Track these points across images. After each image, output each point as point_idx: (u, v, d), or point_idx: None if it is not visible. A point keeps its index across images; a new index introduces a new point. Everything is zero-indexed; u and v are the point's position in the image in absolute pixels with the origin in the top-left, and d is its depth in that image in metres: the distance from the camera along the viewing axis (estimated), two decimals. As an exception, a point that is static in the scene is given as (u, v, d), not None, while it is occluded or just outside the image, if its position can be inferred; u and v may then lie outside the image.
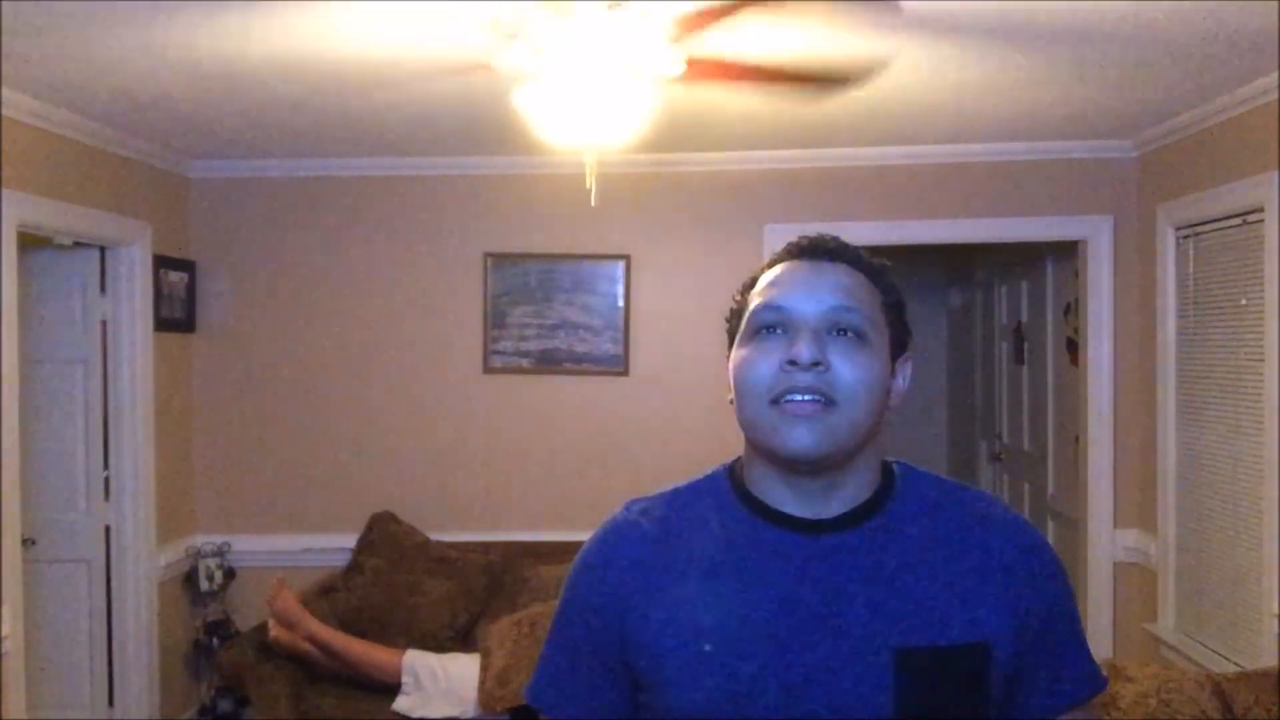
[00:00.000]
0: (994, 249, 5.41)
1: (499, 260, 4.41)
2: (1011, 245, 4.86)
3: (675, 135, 3.63)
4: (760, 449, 1.08)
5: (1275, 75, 3.03)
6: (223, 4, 2.43)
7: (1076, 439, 4.41)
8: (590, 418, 4.39)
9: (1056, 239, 4.37)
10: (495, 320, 4.42)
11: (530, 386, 4.42)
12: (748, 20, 2.34)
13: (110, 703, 3.99)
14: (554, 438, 4.41)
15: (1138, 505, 4.11)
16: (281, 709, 3.54)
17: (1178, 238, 3.77)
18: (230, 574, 4.33)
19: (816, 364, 1.03)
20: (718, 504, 1.12)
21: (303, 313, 4.45)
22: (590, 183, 2.73)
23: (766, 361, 1.06)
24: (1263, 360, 3.18)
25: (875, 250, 1.17)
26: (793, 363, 1.04)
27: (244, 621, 4.24)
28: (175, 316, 4.26)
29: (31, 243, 3.57)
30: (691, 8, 2.26)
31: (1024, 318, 5.41)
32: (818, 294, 1.07)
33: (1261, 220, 3.19)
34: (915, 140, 4.03)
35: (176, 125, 3.73)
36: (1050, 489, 5.04)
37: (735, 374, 1.08)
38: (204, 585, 4.26)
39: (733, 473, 1.14)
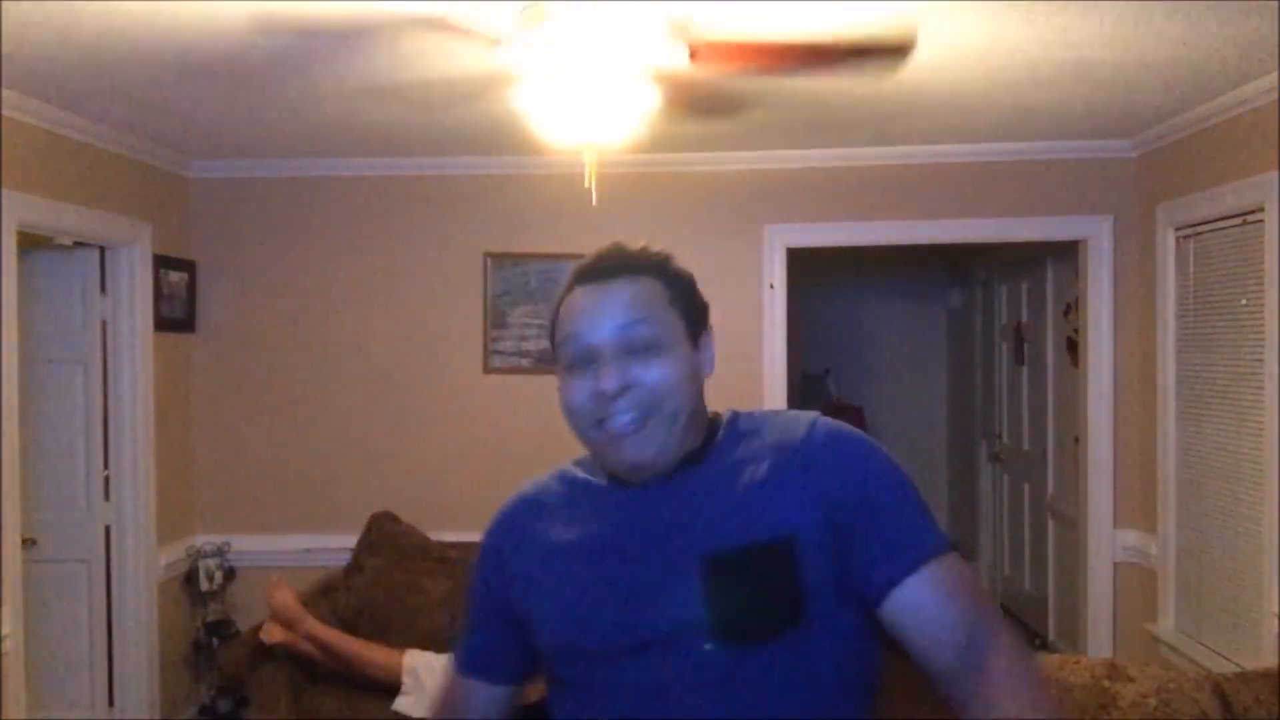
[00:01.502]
0: (994, 249, 5.41)
1: (499, 260, 4.41)
2: (1011, 245, 4.86)
3: (675, 135, 3.63)
4: (602, 465, 1.24)
5: (1275, 75, 3.03)
6: (224, 3, 2.42)
7: (1076, 439, 4.41)
8: (590, 418, 4.38)
9: (1056, 239, 4.37)
10: (495, 320, 4.42)
11: (530, 386, 4.42)
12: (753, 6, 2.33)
13: (110, 703, 3.99)
14: (554, 437, 4.37)
15: (1138, 505, 4.10)
16: (281, 709, 3.54)
17: (1178, 238, 3.77)
18: (230, 574, 4.33)
19: (623, 388, 1.15)
20: (585, 475, 1.30)
21: (303, 313, 4.45)
22: (590, 183, 2.73)
23: (581, 391, 1.18)
24: (1263, 360, 3.18)
25: (875, 251, 1.19)
26: (601, 393, 1.16)
27: (244, 621, 4.23)
28: (175, 316, 4.26)
29: (31, 243, 3.57)
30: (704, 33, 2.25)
31: (1024, 318, 5.42)
32: (606, 319, 1.18)
33: (1261, 220, 3.19)
34: (916, 140, 4.03)
35: (176, 125, 3.73)
36: (1050, 489, 5.04)
37: (560, 401, 1.21)
38: (204, 585, 4.26)
39: (579, 463, 1.34)
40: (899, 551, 1.12)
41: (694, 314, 1.23)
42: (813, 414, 1.23)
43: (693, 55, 2.41)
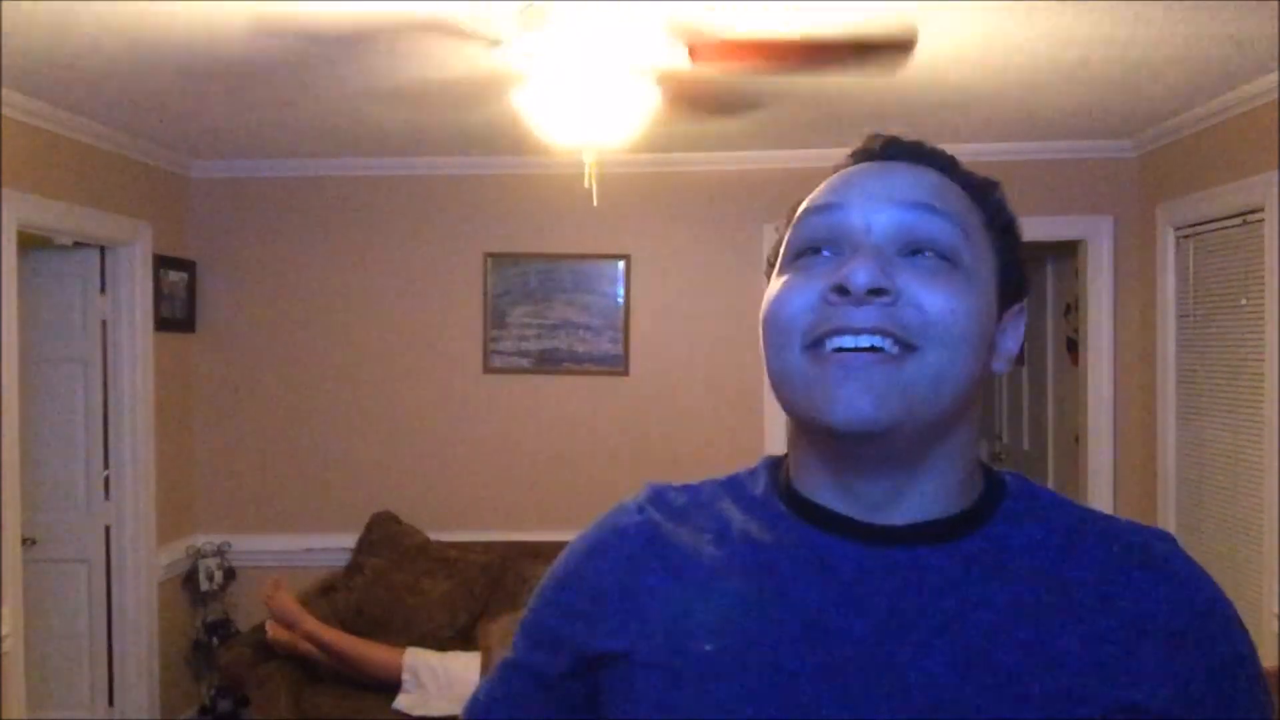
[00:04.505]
0: (994, 249, 5.41)
1: (499, 260, 4.41)
2: (1011, 245, 4.85)
3: (675, 135, 3.63)
4: (795, 418, 0.76)
5: (1275, 75, 3.03)
6: (224, 3, 2.42)
7: (1076, 439, 4.41)
8: (590, 418, 4.39)
9: (1056, 239, 4.36)
10: (495, 320, 4.42)
11: (530, 386, 4.42)
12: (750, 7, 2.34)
13: (110, 702, 3.98)
14: (554, 438, 4.40)
15: (1138, 505, 4.10)
16: (281, 709, 3.54)
17: (1178, 238, 3.77)
18: (230, 574, 4.33)
19: (879, 291, 0.71)
20: (748, 498, 0.81)
21: (303, 313, 4.45)
22: (590, 183, 2.73)
23: (806, 290, 0.73)
24: (1263, 360, 3.18)
25: None
26: (841, 290, 0.71)
27: (244, 621, 4.23)
28: (175, 316, 4.26)
29: (31, 243, 3.57)
30: (702, 31, 2.26)
31: (1024, 318, 5.41)
32: (888, 194, 0.75)
33: (1261, 220, 3.18)
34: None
35: (176, 125, 3.73)
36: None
37: (763, 314, 0.76)
38: (204, 585, 4.26)
39: (778, 465, 0.84)
40: None
41: (1011, 266, 0.79)
42: (1169, 540, 0.78)
43: (692, 54, 2.41)
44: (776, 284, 0.77)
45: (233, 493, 4.47)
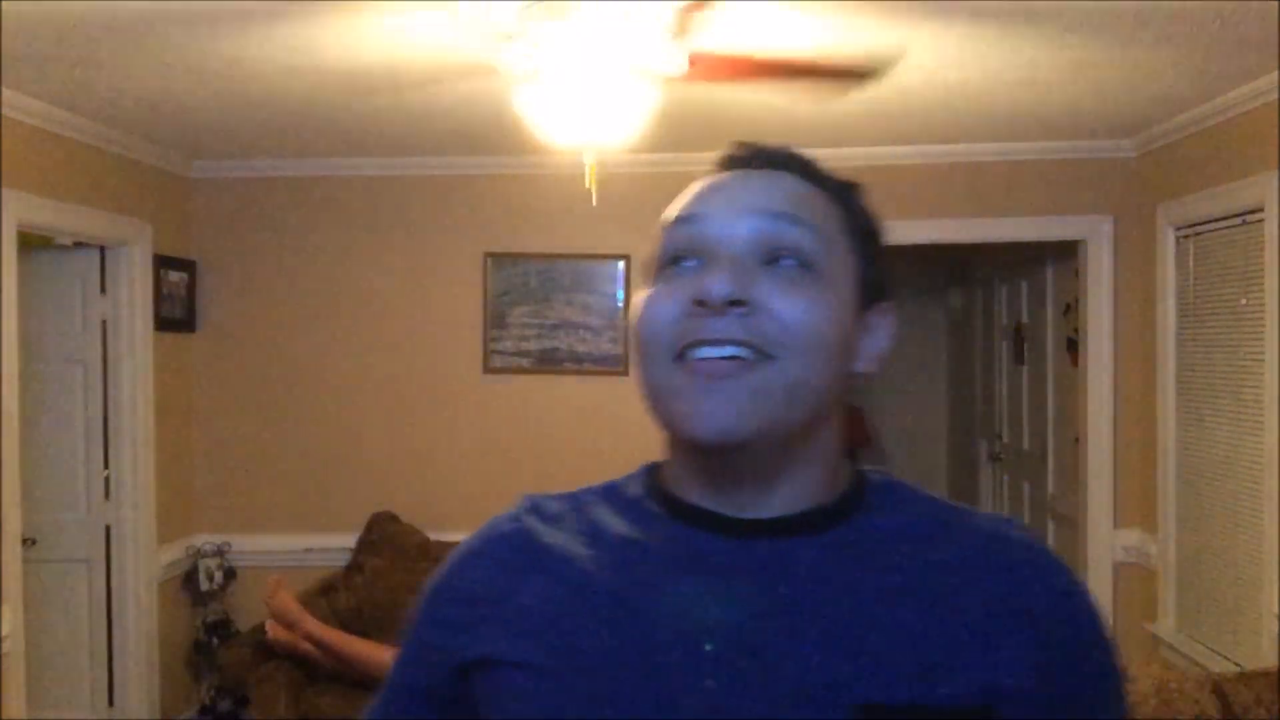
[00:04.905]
0: (994, 249, 5.41)
1: (499, 260, 4.41)
2: (1011, 245, 4.86)
3: (675, 135, 3.63)
4: (664, 429, 0.79)
5: (1275, 75, 3.03)
6: (223, 4, 2.42)
7: (1076, 439, 4.41)
8: (590, 418, 4.39)
9: (1056, 239, 4.37)
10: (495, 320, 4.42)
11: (530, 386, 4.42)
12: (752, 10, 2.34)
13: (110, 702, 3.99)
14: (554, 438, 4.41)
15: (1138, 505, 4.10)
16: (281, 709, 3.54)
17: (1178, 238, 3.77)
18: (230, 574, 4.33)
19: (736, 302, 0.73)
20: (623, 502, 0.84)
21: (303, 313, 4.45)
22: (590, 183, 2.73)
23: (671, 303, 0.75)
24: (1263, 360, 3.18)
25: None
26: (701, 302, 0.73)
27: (244, 621, 4.24)
28: (175, 316, 4.26)
29: (31, 243, 3.57)
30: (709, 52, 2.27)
31: (1024, 318, 5.41)
32: (747, 204, 0.77)
33: (1261, 220, 3.19)
34: (915, 140, 4.03)
35: (176, 125, 3.73)
36: (1050, 489, 5.04)
37: (632, 326, 0.79)
38: (204, 585, 4.27)
39: (656, 469, 0.86)
40: None
41: (873, 269, 0.82)
42: (1024, 528, 0.83)
43: (691, 65, 2.42)
44: (645, 295, 0.79)
45: (233, 493, 4.47)
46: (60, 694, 3.90)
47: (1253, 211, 3.25)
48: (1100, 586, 4.19)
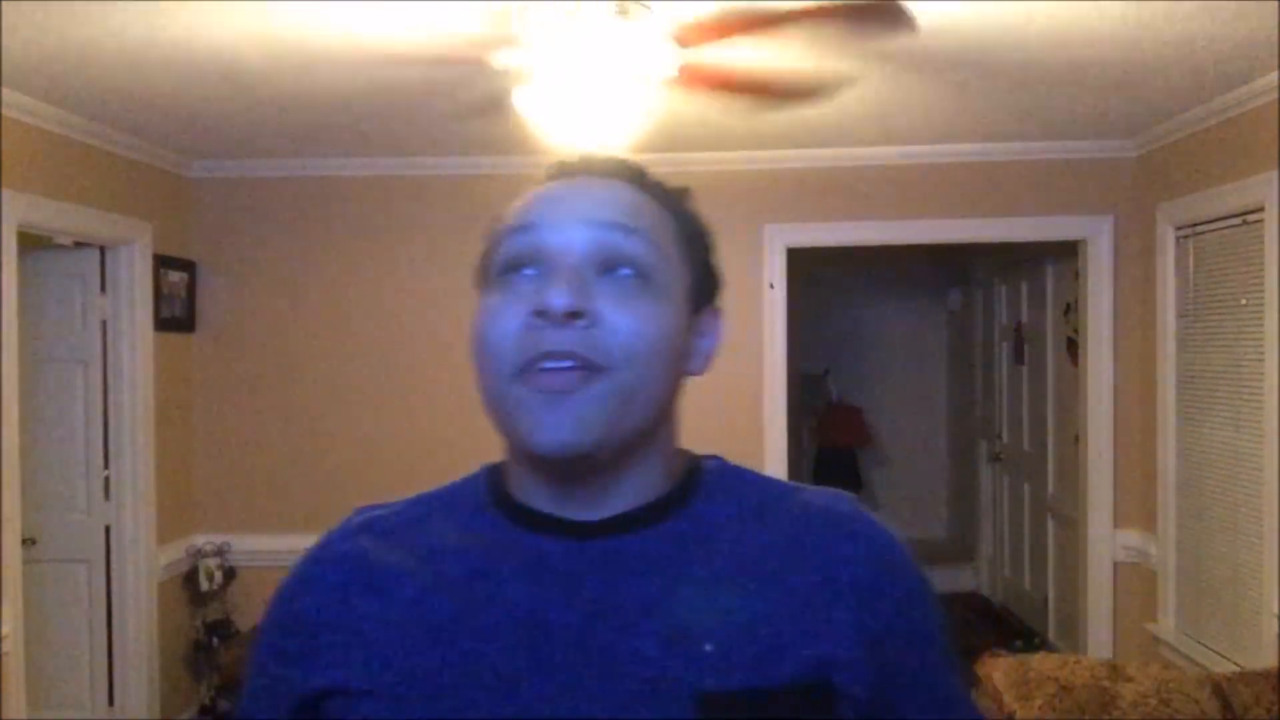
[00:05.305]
0: (994, 249, 5.41)
1: (499, 260, 4.40)
2: (1011, 245, 4.86)
3: (675, 135, 3.63)
4: (505, 440, 0.82)
5: (1275, 75, 3.03)
6: (224, 4, 2.42)
7: (1076, 439, 4.41)
8: (590, 418, 4.38)
9: (1056, 239, 4.37)
10: (495, 320, 4.41)
11: (530, 386, 4.42)
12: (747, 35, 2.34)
13: (110, 702, 3.98)
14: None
15: (1138, 505, 4.11)
16: (281, 709, 3.54)
17: (1178, 238, 3.77)
18: (230, 574, 4.33)
19: (575, 315, 0.74)
20: (461, 510, 0.86)
21: (303, 313, 4.45)
22: (590, 183, 2.73)
23: (511, 315, 0.76)
24: (1263, 360, 3.18)
25: (875, 250, 1.08)
26: (542, 313, 0.75)
27: (244, 621, 4.24)
28: (175, 316, 4.26)
29: (31, 243, 3.57)
30: (698, 16, 2.26)
31: (1024, 318, 5.42)
32: (583, 214, 0.79)
33: (1261, 220, 3.19)
34: (915, 140, 4.03)
35: (176, 125, 3.73)
36: (1050, 489, 5.05)
37: (472, 333, 0.79)
38: (204, 585, 4.26)
39: (495, 472, 0.88)
40: None
41: (703, 273, 0.85)
42: (849, 501, 0.86)
43: (680, 75, 2.43)
44: (484, 302, 0.80)
45: (233, 493, 4.47)
46: (60, 694, 3.89)
47: (1253, 211, 3.25)
48: (1100, 586, 4.20)
